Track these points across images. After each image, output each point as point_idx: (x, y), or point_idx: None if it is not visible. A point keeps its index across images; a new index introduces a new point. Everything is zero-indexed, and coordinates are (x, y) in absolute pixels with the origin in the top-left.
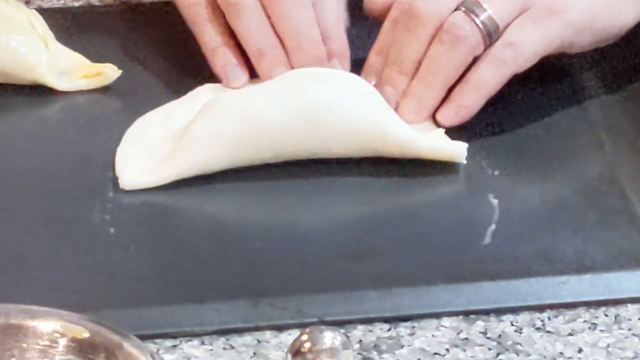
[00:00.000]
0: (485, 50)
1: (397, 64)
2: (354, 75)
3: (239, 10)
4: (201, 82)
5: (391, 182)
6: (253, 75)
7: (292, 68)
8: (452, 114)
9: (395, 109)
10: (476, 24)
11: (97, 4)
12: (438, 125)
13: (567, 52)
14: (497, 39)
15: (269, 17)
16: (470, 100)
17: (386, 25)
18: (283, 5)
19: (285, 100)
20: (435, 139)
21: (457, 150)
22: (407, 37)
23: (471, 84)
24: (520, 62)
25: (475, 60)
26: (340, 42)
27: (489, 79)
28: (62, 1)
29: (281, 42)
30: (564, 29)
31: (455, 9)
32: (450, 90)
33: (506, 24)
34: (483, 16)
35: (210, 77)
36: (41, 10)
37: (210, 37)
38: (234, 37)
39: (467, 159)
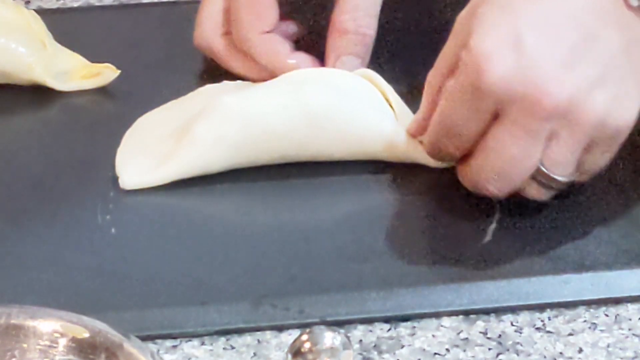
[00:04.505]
0: None
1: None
2: (356, 77)
3: None
4: (201, 83)
5: (392, 181)
6: None
7: None
8: None
9: None
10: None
11: (96, 4)
12: None
13: None
14: None
15: None
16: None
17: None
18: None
19: (285, 105)
20: None
21: None
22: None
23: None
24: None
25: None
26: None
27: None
28: (62, 1)
29: None
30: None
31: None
32: None
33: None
34: (557, 186)
35: (210, 77)
36: (40, 11)
37: None
38: None
39: None
